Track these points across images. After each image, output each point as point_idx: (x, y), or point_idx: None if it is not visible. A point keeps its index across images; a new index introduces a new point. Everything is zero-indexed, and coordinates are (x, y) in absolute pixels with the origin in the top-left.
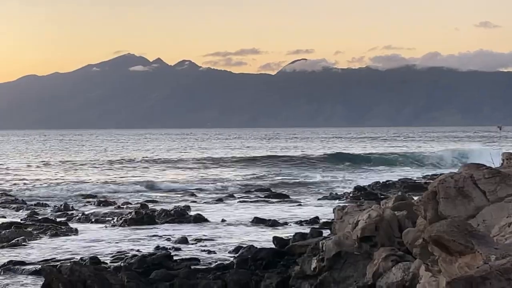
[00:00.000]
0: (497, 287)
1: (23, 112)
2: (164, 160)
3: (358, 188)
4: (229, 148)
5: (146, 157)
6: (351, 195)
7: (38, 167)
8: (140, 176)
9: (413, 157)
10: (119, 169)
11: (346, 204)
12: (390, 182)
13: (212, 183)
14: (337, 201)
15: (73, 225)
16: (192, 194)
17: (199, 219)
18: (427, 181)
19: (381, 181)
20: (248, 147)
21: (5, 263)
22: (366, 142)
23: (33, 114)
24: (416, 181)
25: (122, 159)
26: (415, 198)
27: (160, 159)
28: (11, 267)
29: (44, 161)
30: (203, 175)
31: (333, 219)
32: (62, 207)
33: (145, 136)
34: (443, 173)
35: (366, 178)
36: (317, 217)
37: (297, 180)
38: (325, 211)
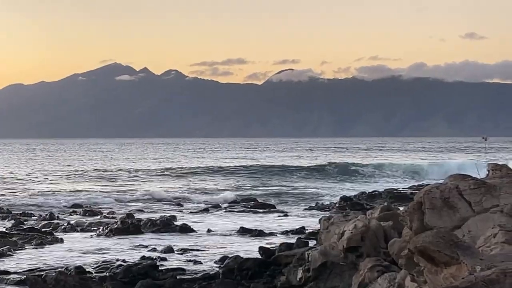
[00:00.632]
0: None
1: (9, 121)
2: (149, 170)
3: (344, 199)
4: (214, 158)
5: (131, 167)
6: (337, 205)
7: (22, 176)
8: (125, 186)
9: (399, 168)
10: (104, 179)
11: (332, 215)
12: (376, 192)
13: (198, 193)
14: (323, 211)
15: (58, 234)
16: (178, 204)
17: (185, 229)
18: (413, 191)
19: (367, 191)
20: (234, 158)
21: None
22: (352, 152)
23: (19, 123)
24: (402, 191)
25: (107, 169)
26: (401, 208)
27: (145, 169)
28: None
29: (29, 171)
30: (189, 185)
31: (319, 229)
32: (47, 216)
33: (130, 145)
34: (428, 184)
35: (352, 188)
36: (303, 227)
37: (283, 191)
38: (311, 221)
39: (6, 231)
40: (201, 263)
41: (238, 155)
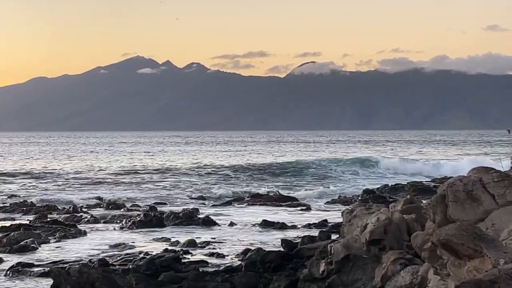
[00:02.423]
0: None
1: (32, 114)
2: (170, 163)
3: (367, 191)
4: (238, 152)
5: (151, 159)
6: (359, 198)
7: (47, 170)
8: (148, 179)
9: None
10: (127, 172)
11: (355, 207)
12: (399, 185)
13: (219, 187)
14: (345, 204)
15: (82, 227)
16: (201, 197)
17: (208, 222)
18: (436, 184)
19: (389, 184)
20: (258, 152)
21: (14, 265)
22: (376, 145)
23: (42, 116)
24: (425, 184)
25: (131, 164)
26: (424, 201)
27: (165, 163)
28: (20, 269)
29: (53, 164)
30: (212, 178)
31: (341, 222)
32: (71, 209)
33: (151, 139)
34: (452, 177)
35: (375, 181)
36: (325, 220)
37: (303, 185)
38: (334, 215)
39: (30, 223)
40: (224, 256)
41: (264, 149)
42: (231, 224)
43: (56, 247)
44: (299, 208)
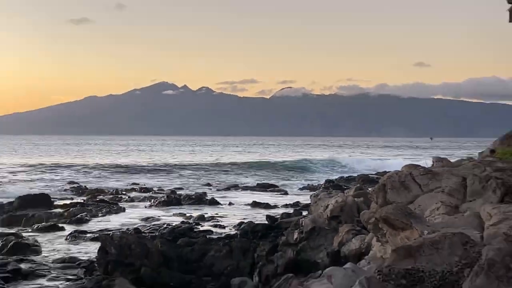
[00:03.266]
0: (428, 254)
1: (88, 123)
2: (186, 160)
3: (328, 181)
4: (234, 152)
5: (173, 157)
6: (323, 186)
7: (100, 165)
8: (170, 171)
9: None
10: (156, 166)
11: (319, 193)
12: (352, 177)
13: (222, 177)
14: (312, 190)
15: (121, 205)
16: (208, 184)
17: (213, 202)
18: (379, 176)
19: (345, 176)
20: (248, 152)
21: (72, 232)
22: (337, 148)
23: (94, 125)
24: (371, 176)
25: (159, 159)
26: (370, 189)
27: (183, 159)
28: (76, 235)
29: (102, 160)
30: (216, 171)
31: (309, 203)
32: (114, 192)
33: (168, 143)
34: (390, 171)
35: (334, 174)
36: (298, 202)
37: (282, 177)
38: (304, 198)
39: (84, 202)
40: (224, 227)
41: (253, 150)
42: (230, 203)
43: (103, 219)
44: (279, 193)
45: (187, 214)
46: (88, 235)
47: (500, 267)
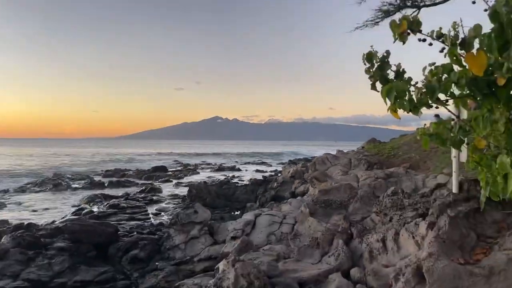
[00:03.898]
0: (334, 192)
1: (180, 134)
2: (227, 150)
3: (290, 161)
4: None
5: (222, 151)
6: (287, 162)
7: (185, 152)
8: (218, 157)
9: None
10: (214, 154)
11: (286, 165)
12: (300, 158)
13: (243, 159)
14: (283, 164)
15: (198, 170)
16: (236, 162)
17: (238, 169)
18: (312, 157)
19: (297, 158)
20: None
21: (175, 182)
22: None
23: (185, 135)
24: (309, 158)
25: (213, 151)
26: (308, 164)
27: (225, 151)
28: (178, 183)
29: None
30: (241, 156)
31: (281, 170)
32: (194, 165)
33: (218, 144)
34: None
35: (292, 157)
36: (276, 169)
37: (270, 159)
38: (280, 168)
39: (180, 168)
40: (243, 180)
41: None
42: (246, 170)
43: (189, 177)
44: (267, 166)
45: (228, 175)
46: (183, 184)
47: (366, 198)
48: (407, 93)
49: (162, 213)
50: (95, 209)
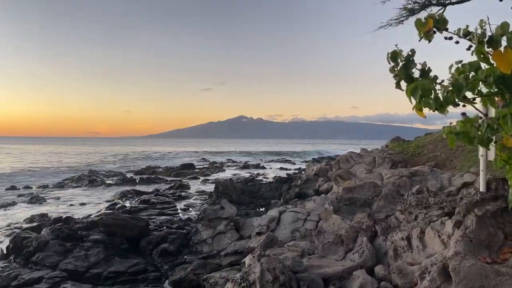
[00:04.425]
0: (358, 190)
1: (221, 135)
2: (252, 150)
3: (314, 159)
4: (284, 147)
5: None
6: (311, 160)
7: (215, 150)
8: (243, 154)
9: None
10: (239, 152)
11: (310, 163)
12: (323, 156)
13: (267, 158)
14: (306, 162)
15: (224, 168)
16: (261, 160)
17: (262, 167)
18: (335, 156)
19: (320, 157)
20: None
21: (202, 179)
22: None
23: (212, 133)
24: (333, 156)
25: (238, 150)
26: (332, 162)
27: (251, 151)
28: (205, 180)
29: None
30: (265, 155)
31: (305, 168)
32: (220, 162)
33: (241, 143)
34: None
35: (316, 156)
36: (300, 167)
37: (291, 157)
38: (304, 165)
39: (207, 166)
40: (268, 177)
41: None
42: (270, 168)
43: (216, 174)
44: (291, 164)
45: (252, 172)
46: (210, 180)
47: (390, 196)
48: (432, 91)
49: (190, 209)
50: (127, 204)
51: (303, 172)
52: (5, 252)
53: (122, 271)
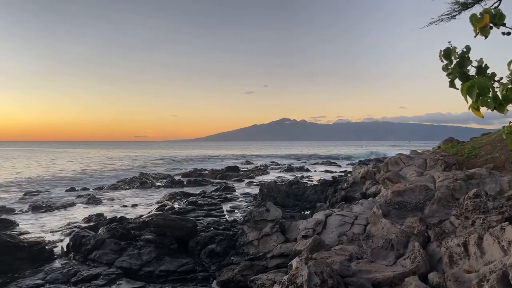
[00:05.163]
0: (408, 194)
1: (265, 137)
2: (271, 153)
3: (360, 161)
4: (320, 150)
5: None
6: (357, 163)
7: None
8: (287, 157)
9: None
10: (286, 155)
11: (356, 165)
12: (370, 159)
13: (311, 161)
14: (353, 165)
15: (269, 170)
16: (305, 162)
17: (307, 170)
18: (383, 158)
19: (365, 158)
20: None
21: (247, 181)
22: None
23: (255, 136)
24: (380, 158)
25: (254, 153)
26: (380, 164)
27: (268, 153)
28: (249, 183)
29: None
30: (297, 157)
31: (351, 170)
32: (264, 165)
33: (285, 145)
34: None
35: (364, 157)
36: (346, 170)
37: (336, 159)
38: (349, 168)
39: (252, 169)
40: (312, 180)
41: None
42: (314, 170)
43: (260, 177)
44: (337, 166)
45: (296, 175)
46: (254, 183)
47: (444, 200)
48: (490, 89)
49: (236, 211)
50: (176, 205)
51: (349, 175)
52: (65, 250)
53: (173, 270)
